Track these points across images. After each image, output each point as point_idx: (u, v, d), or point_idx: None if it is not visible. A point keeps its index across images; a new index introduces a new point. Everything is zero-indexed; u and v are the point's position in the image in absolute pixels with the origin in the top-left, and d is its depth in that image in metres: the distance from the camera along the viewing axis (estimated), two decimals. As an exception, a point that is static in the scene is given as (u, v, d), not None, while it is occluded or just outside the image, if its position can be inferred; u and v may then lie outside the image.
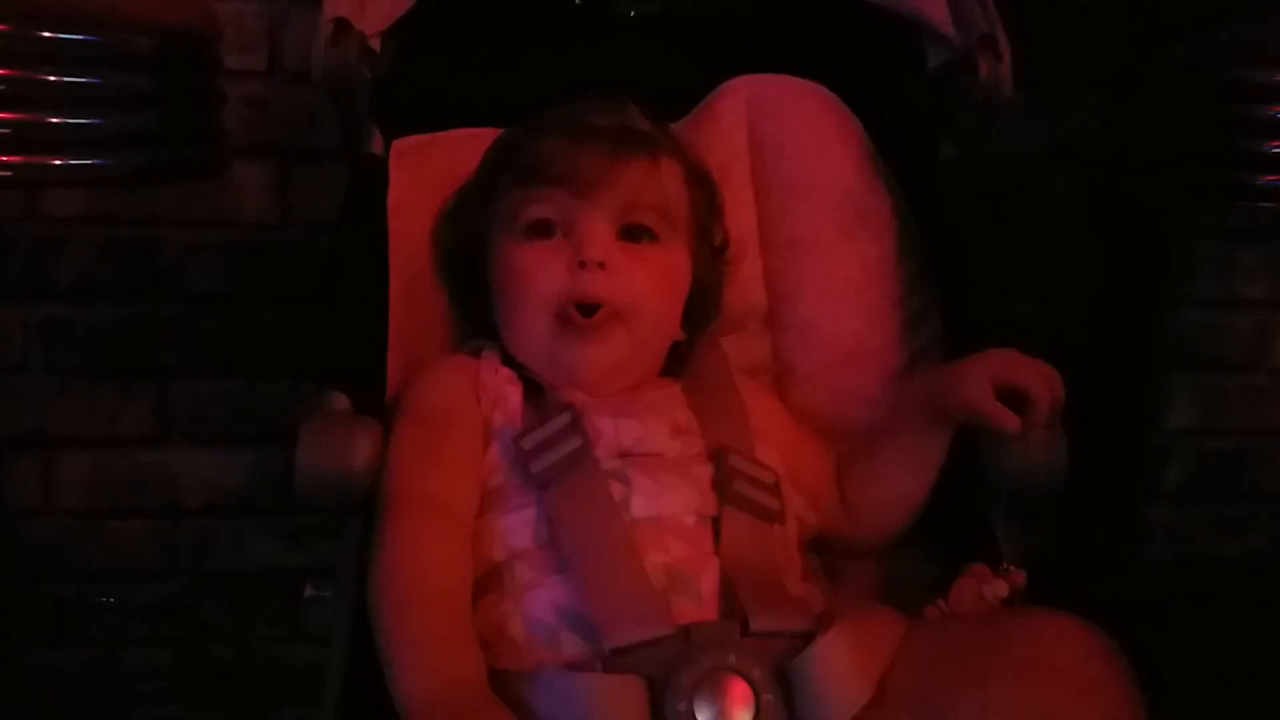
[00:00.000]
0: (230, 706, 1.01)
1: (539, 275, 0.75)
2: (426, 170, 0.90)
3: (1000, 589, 0.70)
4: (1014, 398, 0.72)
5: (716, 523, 0.68)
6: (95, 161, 0.81)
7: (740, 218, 0.92)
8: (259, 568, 1.31)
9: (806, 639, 0.61)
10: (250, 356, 1.26)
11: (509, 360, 0.78)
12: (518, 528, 0.67)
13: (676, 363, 0.83)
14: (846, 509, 0.80)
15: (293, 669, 1.25)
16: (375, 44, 0.84)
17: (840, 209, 0.91)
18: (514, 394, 0.75)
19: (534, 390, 0.76)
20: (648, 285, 0.76)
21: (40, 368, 1.24)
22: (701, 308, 0.84)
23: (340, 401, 0.74)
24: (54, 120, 0.79)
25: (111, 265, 1.22)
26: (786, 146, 0.92)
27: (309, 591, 0.71)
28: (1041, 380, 0.71)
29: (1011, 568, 0.71)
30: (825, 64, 0.95)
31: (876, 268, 0.89)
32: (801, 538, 0.76)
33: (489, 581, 0.67)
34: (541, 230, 0.77)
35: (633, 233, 0.77)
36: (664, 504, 0.67)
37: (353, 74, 0.80)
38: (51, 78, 0.79)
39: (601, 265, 0.74)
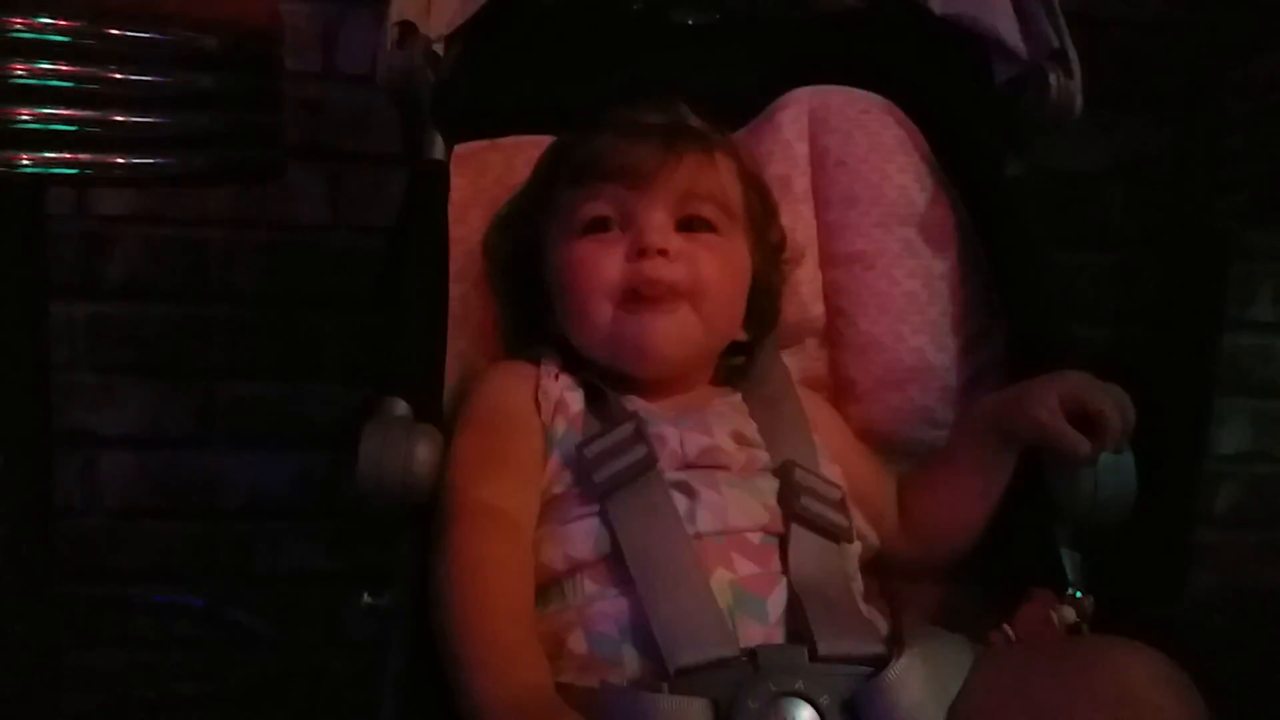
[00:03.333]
0: (269, 715, 1.00)
1: (599, 266, 0.74)
2: (486, 176, 0.90)
3: (1068, 615, 0.68)
4: (1084, 421, 0.71)
5: (783, 540, 0.67)
6: (158, 160, 0.80)
7: (800, 230, 0.91)
8: (298, 572, 1.30)
9: (875, 665, 0.59)
10: (296, 359, 1.26)
11: (569, 366, 0.78)
12: (579, 538, 0.66)
13: (736, 371, 0.82)
14: (906, 530, 0.79)
15: (331, 676, 1.24)
16: (439, 48, 0.84)
17: (903, 224, 0.89)
18: (575, 401, 0.74)
19: (595, 398, 0.75)
20: (712, 269, 0.75)
21: (86, 366, 1.24)
22: (763, 308, 0.83)
23: (400, 407, 0.73)
24: (119, 118, 0.78)
25: (160, 265, 1.22)
26: (849, 159, 0.91)
27: (366, 600, 0.69)
28: (1114, 404, 0.70)
29: (1080, 593, 0.69)
30: (889, 77, 0.94)
31: (939, 284, 0.88)
32: (863, 558, 0.75)
33: (550, 592, 0.66)
34: (599, 227, 0.76)
35: (691, 224, 0.76)
36: (730, 519, 0.66)
37: (417, 78, 0.79)
38: (118, 75, 0.78)
39: (662, 252, 0.73)
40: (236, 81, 0.84)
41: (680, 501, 0.66)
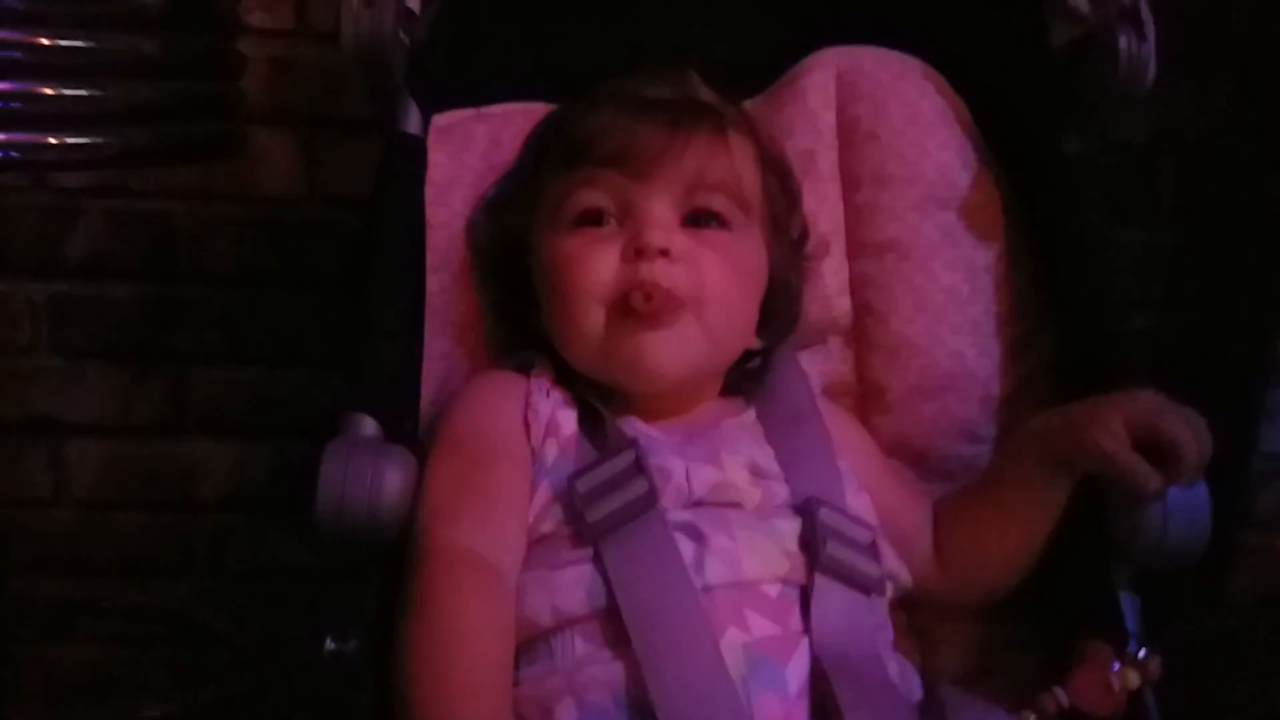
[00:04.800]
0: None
1: (590, 265, 0.65)
2: (470, 151, 0.80)
3: (1131, 679, 0.59)
4: (1153, 449, 0.61)
5: (805, 592, 0.58)
6: (94, 140, 0.70)
7: (825, 214, 0.81)
8: (278, 567, 1.22)
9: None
10: (273, 342, 1.17)
11: (563, 377, 0.68)
12: (569, 588, 0.57)
13: (749, 377, 0.73)
14: (942, 565, 0.69)
15: (312, 677, 1.16)
16: (415, 5, 0.73)
17: (943, 208, 0.79)
18: (568, 421, 0.65)
19: (591, 416, 0.66)
20: (719, 274, 0.66)
21: (49, 350, 1.15)
22: (780, 311, 0.73)
23: (368, 426, 0.64)
24: (47, 91, 0.68)
25: (124, 241, 1.13)
26: (881, 132, 0.81)
27: (329, 646, 0.61)
28: (1191, 434, 0.60)
29: (1145, 653, 0.60)
30: (928, 36, 0.83)
31: (983, 278, 0.78)
32: (892, 598, 0.65)
33: (535, 650, 0.57)
34: (593, 219, 0.67)
35: (699, 219, 0.67)
36: (744, 568, 0.57)
37: (388, 41, 0.69)
38: (44, 41, 0.68)
39: (664, 252, 0.63)
40: (184, 45, 0.74)
41: (686, 547, 0.57)
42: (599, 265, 0.65)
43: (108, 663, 1.21)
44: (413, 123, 0.75)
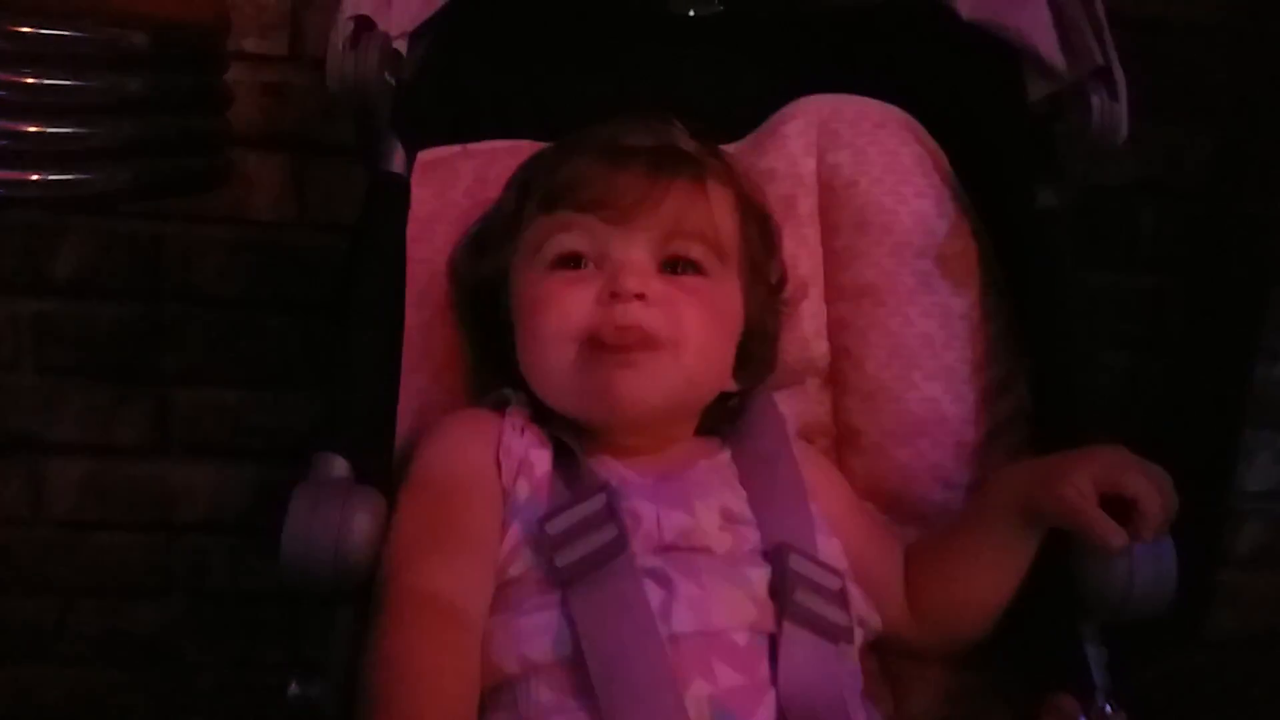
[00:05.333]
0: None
1: (564, 305, 0.66)
2: (454, 188, 0.80)
3: (1096, 734, 0.60)
4: (1119, 504, 0.61)
5: (774, 641, 0.58)
6: (79, 177, 0.70)
7: (805, 258, 0.81)
8: (258, 591, 1.22)
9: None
10: (257, 365, 1.17)
11: (539, 416, 0.69)
12: (536, 634, 0.57)
13: (726, 420, 0.73)
14: (914, 610, 0.70)
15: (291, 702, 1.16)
16: (401, 47, 0.74)
17: (919, 255, 0.80)
18: (541, 461, 0.65)
19: (566, 456, 0.66)
20: (695, 318, 0.66)
21: (31, 368, 1.15)
22: (756, 355, 0.74)
23: (338, 467, 0.64)
24: (31, 129, 0.68)
25: (111, 261, 1.13)
26: (861, 180, 0.82)
27: (293, 690, 0.61)
28: (1154, 489, 0.60)
29: (1109, 708, 0.60)
30: (908, 87, 0.84)
31: (958, 325, 0.79)
32: (862, 646, 0.66)
33: (500, 696, 0.58)
34: (570, 263, 0.68)
35: (676, 265, 0.68)
36: (712, 616, 0.57)
37: (373, 84, 0.69)
38: (29, 80, 0.68)
39: (640, 296, 0.64)
40: (171, 82, 0.74)
41: (654, 594, 0.57)
42: (573, 305, 0.65)
43: (85, 687, 1.20)
44: (397, 161, 0.75)
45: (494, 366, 0.74)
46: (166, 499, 1.20)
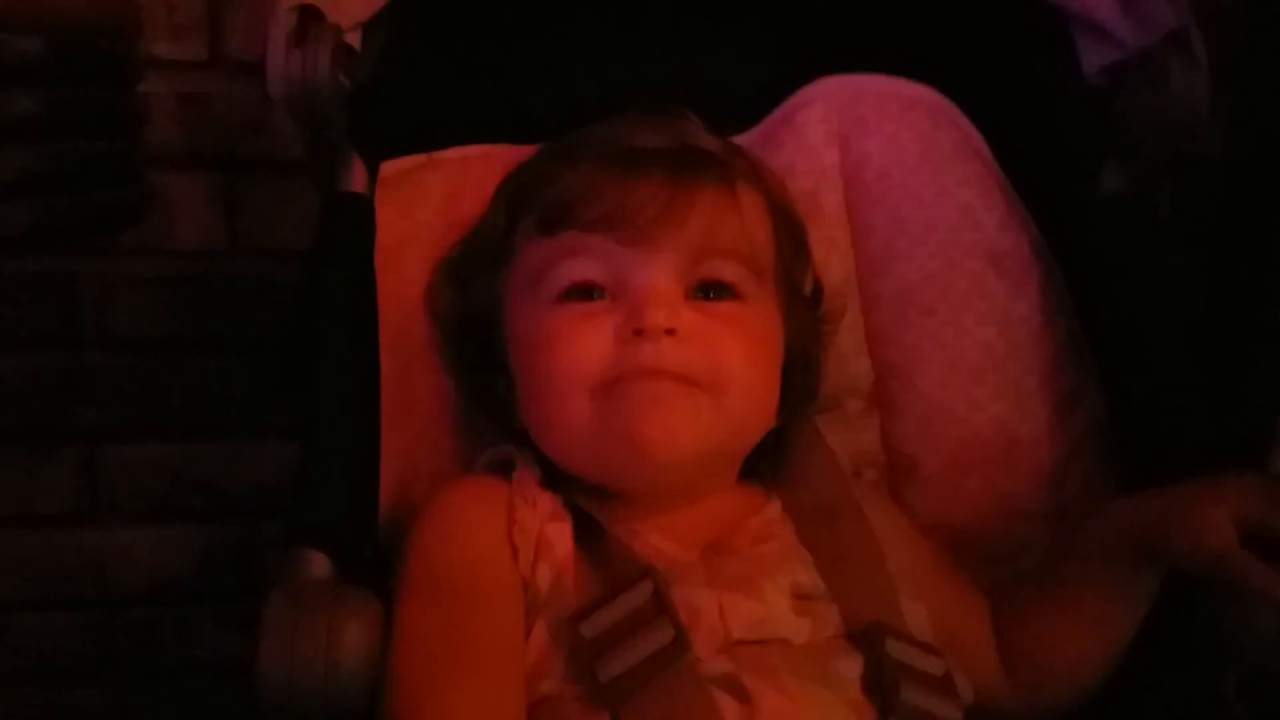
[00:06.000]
0: None
1: (577, 346, 0.54)
2: (423, 206, 0.68)
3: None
4: (1258, 541, 0.52)
5: (878, 751, 0.47)
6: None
7: (834, 264, 0.71)
8: (216, 662, 1.08)
9: None
10: (194, 414, 1.03)
11: (551, 475, 0.57)
12: (587, 769, 0.46)
13: (765, 459, 0.62)
14: (1009, 674, 0.59)
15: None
16: (354, 40, 0.61)
17: (969, 253, 0.70)
18: (562, 538, 0.54)
19: (589, 528, 0.54)
20: (738, 353, 0.55)
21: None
22: (797, 384, 0.63)
23: (319, 565, 0.51)
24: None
25: (19, 307, 0.98)
26: (894, 170, 0.71)
27: None
28: None
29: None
30: (941, 61, 0.73)
31: (1020, 332, 0.68)
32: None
33: None
34: (581, 294, 0.56)
35: (708, 290, 0.57)
36: (806, 733, 0.46)
37: (324, 87, 0.57)
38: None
39: (670, 332, 0.53)
40: (73, 99, 0.60)
41: (729, 709, 0.46)
42: (588, 347, 0.54)
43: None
44: (357, 178, 0.63)
45: (490, 418, 0.62)
46: (100, 569, 1.05)
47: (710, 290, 0.57)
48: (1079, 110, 0.69)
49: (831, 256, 0.71)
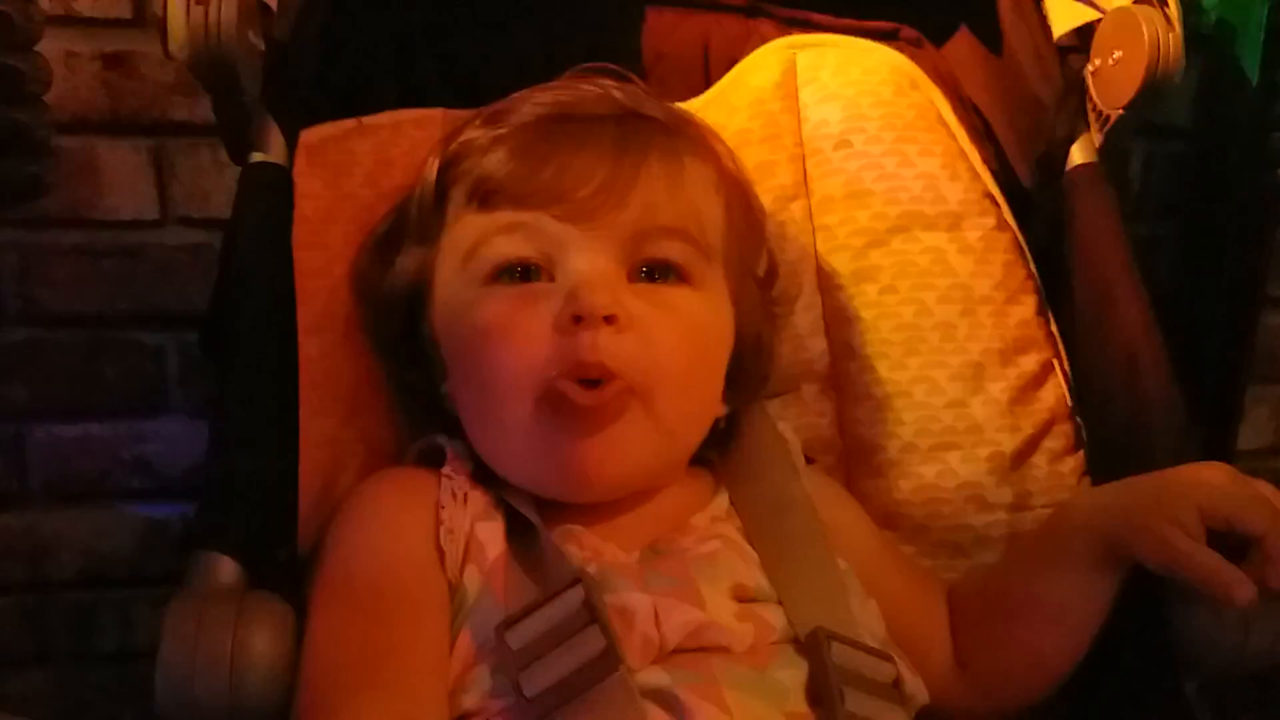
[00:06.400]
0: None
1: (515, 339, 0.50)
2: (351, 176, 0.63)
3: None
4: (1227, 539, 0.49)
5: (820, 767, 0.44)
6: None
7: (790, 239, 0.67)
8: (155, 648, 1.04)
9: None
10: (130, 392, 0.98)
11: (483, 469, 0.53)
12: (509, 793, 0.42)
13: (714, 444, 0.59)
14: (966, 671, 0.57)
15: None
16: (270, -2, 0.56)
17: (930, 226, 0.66)
18: (493, 538, 0.50)
19: (522, 527, 0.51)
20: (676, 346, 0.52)
21: None
22: (750, 370, 0.59)
23: (226, 570, 0.48)
24: None
25: (-65, 281, 0.93)
26: (854, 138, 0.68)
27: None
28: (1276, 522, 0.48)
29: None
30: (902, 17, 0.70)
31: (982, 310, 0.65)
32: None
33: None
34: (516, 273, 0.52)
35: (652, 271, 0.53)
36: (741, 750, 0.43)
37: (232, 46, 0.52)
38: None
39: (609, 319, 0.49)
40: None
41: (662, 726, 0.43)
42: (527, 339, 0.50)
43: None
44: (273, 148, 0.58)
45: (419, 404, 0.58)
46: (34, 553, 1.01)
47: (654, 271, 0.53)
48: (1048, 75, 0.66)
49: (788, 231, 0.67)
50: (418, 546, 0.49)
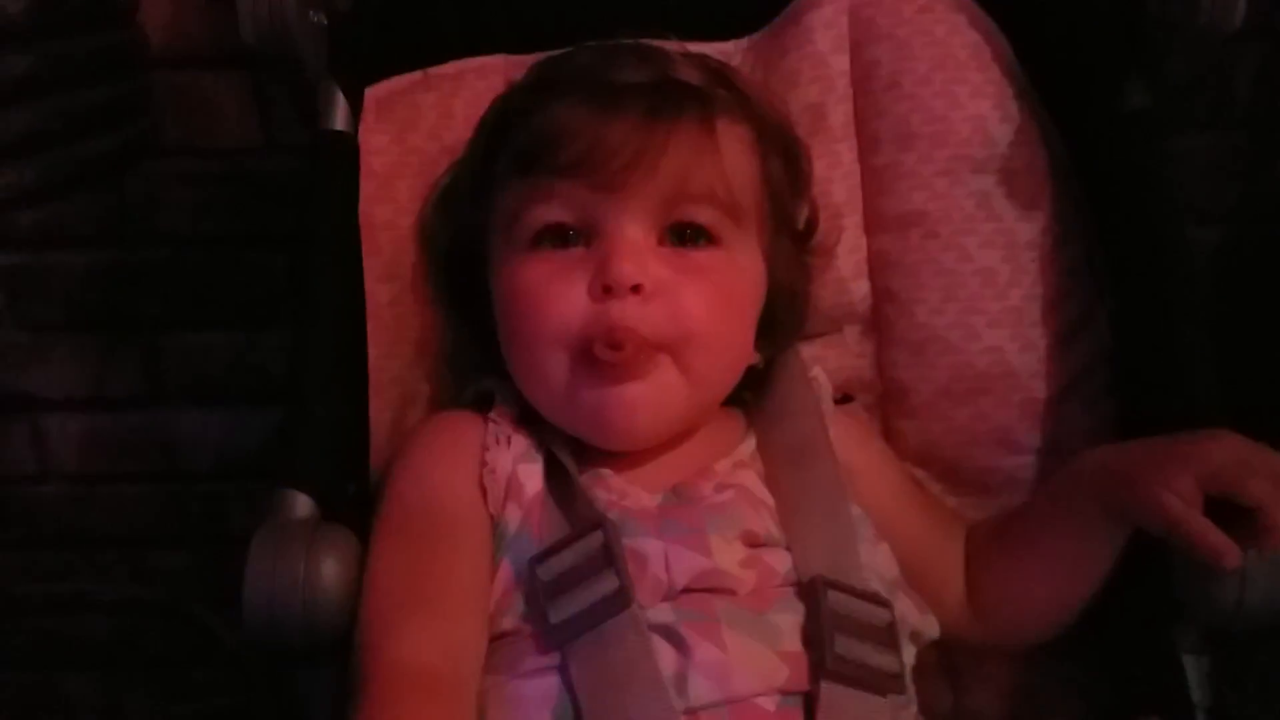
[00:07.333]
0: None
1: (552, 304, 0.55)
2: (416, 130, 0.68)
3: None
4: (1229, 508, 0.50)
5: (809, 701, 0.49)
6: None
7: (838, 181, 0.69)
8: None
9: None
10: (245, 305, 1.07)
11: (528, 414, 0.59)
12: (533, 706, 0.49)
13: (750, 384, 0.63)
14: (975, 607, 0.60)
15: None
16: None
17: (978, 171, 0.67)
18: (532, 479, 0.56)
19: (559, 469, 0.56)
20: (705, 308, 0.55)
21: (10, 324, 1.07)
22: (783, 319, 0.62)
23: (301, 505, 0.55)
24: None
25: (70, 205, 1.02)
26: (904, 80, 0.68)
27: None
28: (1275, 494, 0.49)
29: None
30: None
31: (1024, 257, 0.66)
32: (913, 662, 0.56)
33: (500, 771, 0.50)
34: (554, 239, 0.56)
35: (682, 234, 0.56)
36: (734, 683, 0.48)
37: (294, 27, 0.56)
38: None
39: (636, 289, 0.53)
40: (65, 50, 0.60)
41: (666, 656, 0.48)
42: (562, 304, 0.54)
43: (118, 627, 1.18)
44: (339, 116, 0.63)
45: (477, 349, 0.64)
46: (171, 446, 1.13)
47: (685, 235, 0.56)
48: (1105, 16, 0.64)
49: (835, 173, 0.69)
50: (463, 485, 0.55)
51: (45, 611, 1.15)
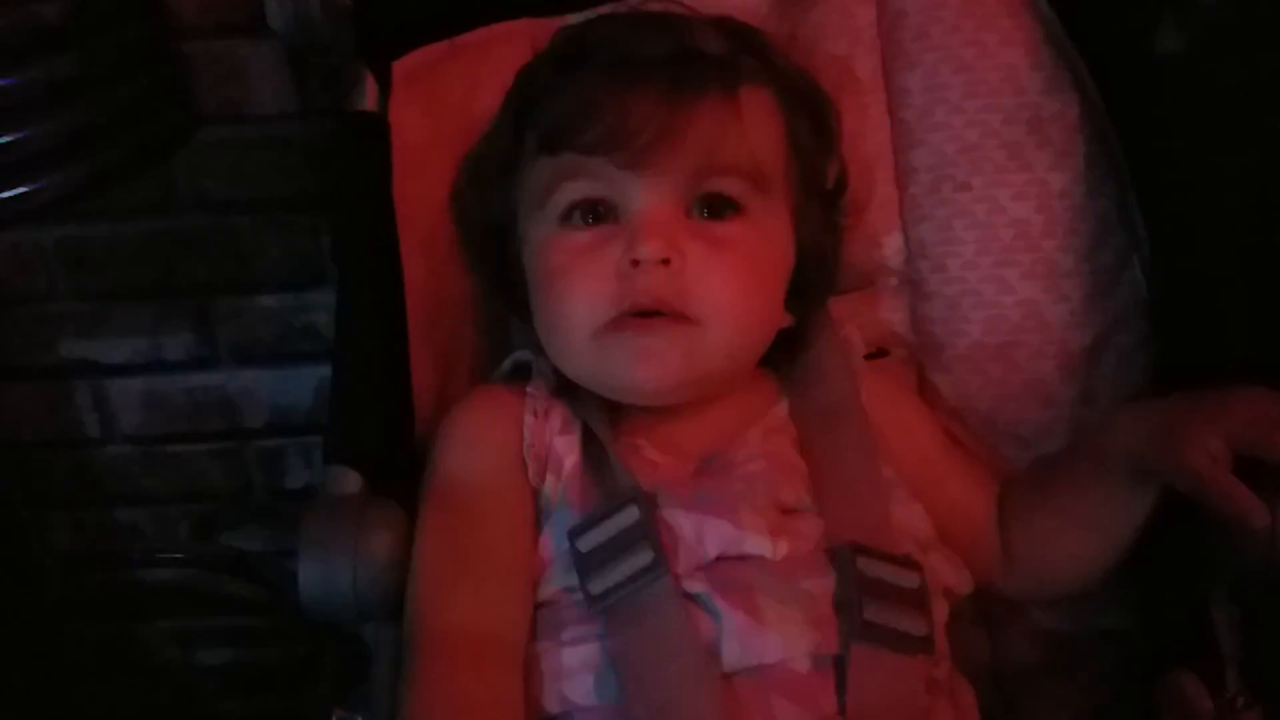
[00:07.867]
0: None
1: (582, 282, 0.56)
2: (445, 104, 0.69)
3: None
4: (1257, 466, 0.50)
5: (841, 663, 0.51)
6: (25, 189, 0.59)
7: (867, 135, 0.69)
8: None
9: None
10: (292, 267, 1.09)
11: (565, 385, 0.60)
12: (576, 671, 0.51)
13: (784, 346, 0.63)
14: (1009, 562, 0.61)
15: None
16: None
17: (1009, 120, 0.66)
18: (570, 451, 0.58)
19: (595, 442, 0.58)
20: (733, 280, 0.56)
21: (69, 294, 1.11)
22: (813, 280, 0.63)
23: (350, 481, 0.57)
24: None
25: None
26: (933, 29, 0.67)
27: (338, 716, 0.58)
28: None
29: (1240, 701, 0.52)
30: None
31: (1057, 207, 0.65)
32: (946, 618, 0.57)
33: (544, 733, 0.53)
34: (585, 214, 0.57)
35: (710, 206, 0.57)
36: (766, 649, 0.50)
37: (321, 16, 0.57)
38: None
39: (665, 262, 0.54)
40: (104, 48, 0.61)
41: (702, 625, 0.50)
42: (593, 280, 0.56)
43: (186, 579, 1.24)
44: (368, 97, 0.64)
45: (514, 319, 0.65)
46: (230, 407, 1.17)
47: (712, 206, 0.57)
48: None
49: (864, 126, 0.68)
50: (504, 459, 0.57)
51: (118, 566, 1.21)
